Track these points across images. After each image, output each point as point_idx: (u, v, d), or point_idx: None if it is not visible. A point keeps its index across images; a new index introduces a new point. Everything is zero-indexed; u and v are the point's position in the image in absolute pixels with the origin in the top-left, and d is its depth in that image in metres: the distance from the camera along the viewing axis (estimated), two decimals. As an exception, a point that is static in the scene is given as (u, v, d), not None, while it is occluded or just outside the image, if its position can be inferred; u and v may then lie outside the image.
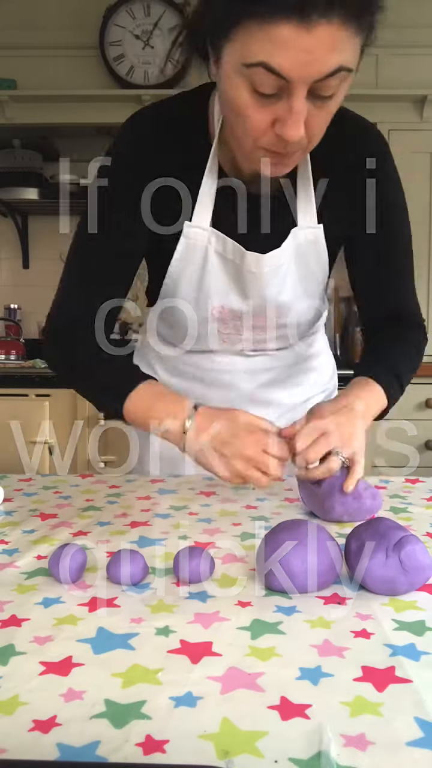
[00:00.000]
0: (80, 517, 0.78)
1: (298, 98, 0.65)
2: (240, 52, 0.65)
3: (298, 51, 0.61)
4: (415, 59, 2.69)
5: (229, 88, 0.69)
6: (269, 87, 0.65)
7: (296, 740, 0.35)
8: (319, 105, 0.68)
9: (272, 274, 0.89)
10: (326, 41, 0.61)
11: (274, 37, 0.61)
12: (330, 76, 0.64)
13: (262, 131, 0.70)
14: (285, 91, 0.65)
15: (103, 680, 0.41)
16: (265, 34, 0.61)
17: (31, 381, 2.46)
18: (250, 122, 0.70)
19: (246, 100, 0.68)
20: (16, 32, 2.71)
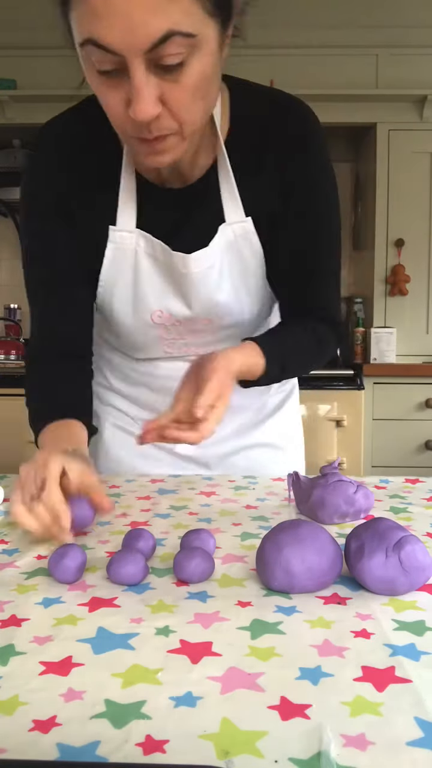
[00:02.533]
0: (80, 517, 0.78)
1: (136, 71, 0.61)
2: (76, 34, 0.63)
3: (115, 18, 0.58)
4: (415, 59, 2.70)
5: (86, 75, 0.67)
6: (107, 63, 0.62)
7: (296, 740, 0.35)
8: (170, 78, 0.63)
9: (204, 273, 0.86)
10: (141, 3, 0.57)
11: (89, 10, 0.59)
12: (161, 42, 0.60)
13: (122, 116, 0.67)
14: (125, 68, 0.62)
15: (103, 680, 0.41)
16: (85, 8, 0.59)
17: (31, 381, 2.45)
18: (109, 108, 0.67)
19: (96, 83, 0.66)
20: (16, 32, 2.71)
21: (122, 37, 0.59)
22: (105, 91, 0.66)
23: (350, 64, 2.70)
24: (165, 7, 0.58)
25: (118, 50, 0.60)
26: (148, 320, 0.91)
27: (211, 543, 0.62)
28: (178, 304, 0.89)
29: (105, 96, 0.67)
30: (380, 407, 2.55)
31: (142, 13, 0.58)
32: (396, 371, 2.57)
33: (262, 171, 0.85)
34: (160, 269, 0.87)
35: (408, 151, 2.71)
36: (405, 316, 2.78)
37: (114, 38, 0.59)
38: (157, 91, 0.64)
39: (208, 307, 0.89)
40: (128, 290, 0.89)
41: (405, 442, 2.56)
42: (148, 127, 0.66)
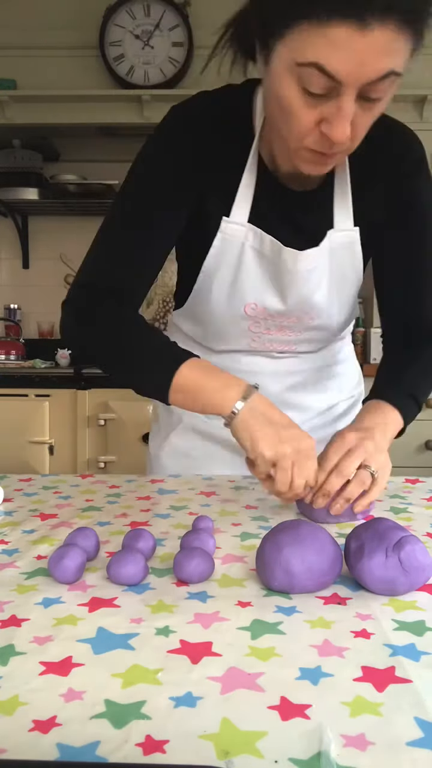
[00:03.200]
0: (80, 517, 0.78)
1: (348, 100, 0.65)
2: (293, 51, 0.65)
3: (351, 53, 0.62)
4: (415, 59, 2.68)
5: (279, 87, 0.69)
6: (319, 87, 0.65)
7: (296, 740, 0.35)
8: (366, 107, 0.68)
9: (308, 273, 0.89)
10: (380, 45, 0.61)
11: (329, 38, 0.61)
12: (380, 79, 0.64)
13: (309, 130, 0.70)
14: (334, 92, 0.65)
15: (103, 680, 0.41)
16: (320, 34, 0.62)
17: (31, 381, 2.46)
18: (297, 121, 0.70)
19: (295, 99, 0.68)
20: (16, 32, 2.71)
21: (352, 71, 0.63)
22: (302, 106, 0.69)
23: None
24: (394, 50, 0.63)
25: (341, 79, 0.64)
26: (241, 311, 0.93)
27: (211, 543, 0.62)
28: (274, 299, 0.92)
29: (299, 109, 0.69)
30: (380, 407, 2.55)
31: (376, 55, 0.62)
32: (396, 371, 2.56)
33: (376, 187, 0.89)
34: (264, 264, 0.90)
35: (408, 151, 2.71)
36: (405, 316, 2.78)
37: (344, 70, 0.63)
38: (353, 116, 0.68)
39: (302, 305, 0.92)
40: (228, 280, 0.91)
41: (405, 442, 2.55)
42: (333, 145, 0.70)
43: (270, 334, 0.96)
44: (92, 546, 0.62)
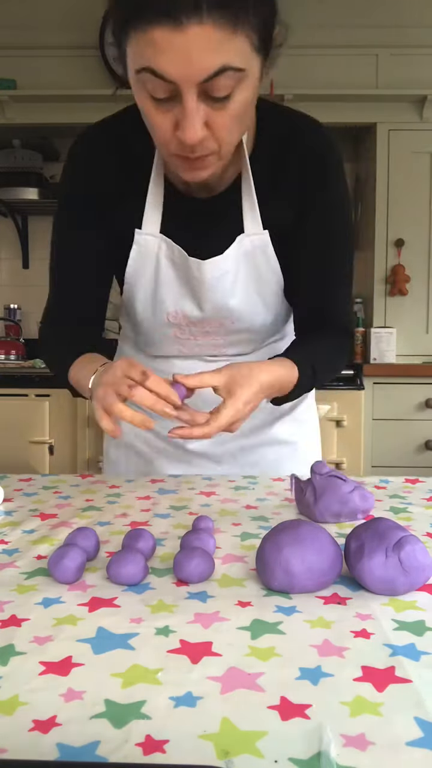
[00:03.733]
0: (80, 517, 0.78)
1: (189, 100, 0.67)
2: (132, 59, 0.68)
3: (174, 53, 0.63)
4: (415, 59, 2.70)
5: (136, 96, 0.72)
6: (161, 91, 0.68)
7: (296, 740, 0.35)
8: (217, 107, 0.69)
9: (217, 279, 0.90)
10: (201, 42, 0.63)
11: (151, 41, 0.64)
12: (215, 76, 0.65)
13: (168, 137, 0.72)
14: (177, 95, 0.67)
15: (103, 680, 0.41)
16: (145, 39, 0.64)
17: (31, 381, 2.46)
18: (156, 128, 0.73)
19: (148, 107, 0.71)
20: (16, 32, 2.71)
21: (179, 70, 0.65)
22: (155, 113, 0.71)
23: (350, 64, 2.70)
24: (221, 45, 0.64)
25: (174, 80, 0.65)
26: (164, 319, 0.96)
27: (211, 543, 0.62)
28: (192, 306, 0.94)
29: (154, 117, 0.72)
30: (380, 407, 2.55)
31: (200, 50, 0.63)
32: (396, 371, 2.57)
33: (282, 188, 0.90)
34: (178, 272, 0.92)
35: (408, 151, 2.71)
36: (405, 316, 2.78)
37: (172, 70, 0.65)
38: (204, 117, 0.69)
39: (219, 310, 0.94)
40: (149, 290, 0.94)
41: (405, 442, 2.56)
42: (193, 148, 0.72)
43: (196, 339, 0.99)
44: (92, 546, 0.62)
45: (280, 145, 0.87)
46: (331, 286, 0.96)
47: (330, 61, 2.69)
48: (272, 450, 1.09)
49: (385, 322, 2.78)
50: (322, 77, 2.67)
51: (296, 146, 0.88)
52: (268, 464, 1.08)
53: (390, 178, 2.72)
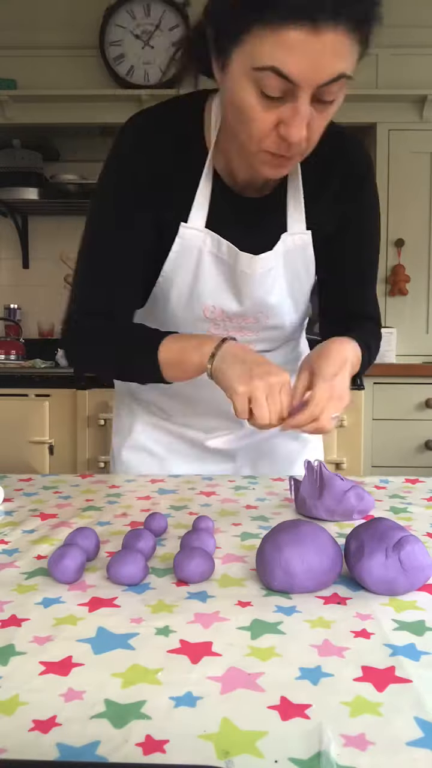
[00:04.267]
0: (80, 517, 0.78)
1: (304, 101, 0.68)
2: (250, 56, 0.68)
3: (306, 56, 0.65)
4: (415, 59, 2.69)
5: (237, 91, 0.72)
6: (276, 90, 0.68)
7: (296, 740, 0.35)
8: (320, 109, 0.71)
9: (263, 275, 0.92)
10: (332, 47, 0.64)
11: (284, 42, 0.64)
12: (333, 81, 0.67)
13: (267, 133, 0.73)
14: (291, 95, 0.68)
15: (103, 680, 0.41)
16: (275, 39, 0.65)
17: (31, 381, 2.46)
18: (256, 124, 0.72)
19: (253, 103, 0.71)
20: (16, 32, 2.71)
21: (307, 73, 0.66)
22: (260, 110, 0.71)
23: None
24: (347, 54, 0.66)
25: (297, 81, 0.66)
26: (201, 314, 0.95)
27: (211, 543, 0.62)
28: (232, 301, 0.94)
29: (256, 113, 0.71)
30: (380, 407, 2.55)
31: (330, 56, 0.65)
32: (396, 371, 2.57)
33: (326, 194, 0.93)
34: (221, 267, 0.92)
35: (408, 151, 2.71)
36: (405, 316, 2.78)
37: (299, 72, 0.66)
38: (308, 119, 0.71)
39: (258, 306, 0.95)
40: (187, 284, 0.93)
41: (405, 442, 2.56)
42: (291, 147, 0.73)
43: (229, 334, 0.98)
44: (92, 546, 0.62)
45: (328, 154, 0.89)
46: (366, 287, 1.02)
47: (330, 61, 2.68)
48: (284, 444, 1.11)
49: (385, 322, 2.78)
50: (322, 77, 2.66)
51: (342, 152, 0.91)
52: (280, 459, 1.10)
53: (390, 178, 2.72)
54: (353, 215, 0.95)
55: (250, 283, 0.92)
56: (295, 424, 0.76)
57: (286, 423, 0.75)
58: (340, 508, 0.75)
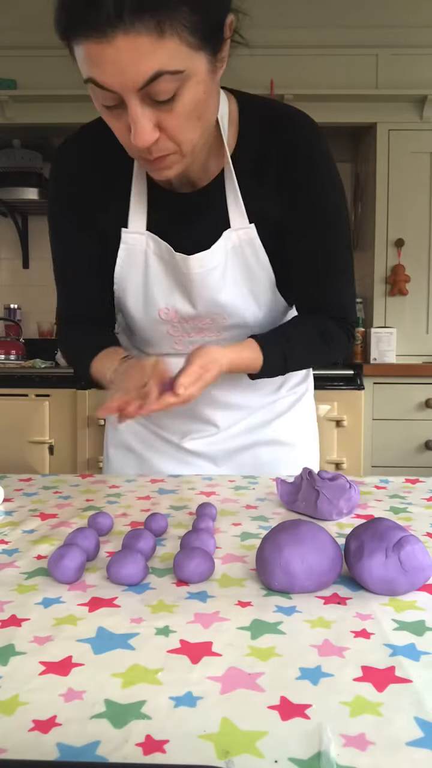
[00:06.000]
0: (80, 517, 0.78)
1: (133, 106, 0.68)
2: (80, 69, 0.69)
3: (108, 64, 0.64)
4: (415, 59, 2.70)
5: (94, 103, 0.73)
6: (108, 99, 0.69)
7: (296, 740, 0.35)
8: (165, 108, 0.69)
9: (206, 274, 0.90)
10: (128, 50, 0.63)
11: (87, 55, 0.65)
12: (151, 82, 0.65)
13: (126, 141, 0.74)
14: (123, 102, 0.68)
15: (103, 680, 0.41)
16: (83, 53, 0.66)
17: (31, 381, 2.46)
18: (116, 133, 0.74)
19: (104, 113, 0.73)
20: (16, 32, 2.71)
21: (115, 80, 0.65)
22: (110, 119, 0.73)
23: (350, 64, 2.70)
24: (151, 52, 0.63)
25: (112, 89, 0.67)
26: (156, 317, 0.96)
27: (211, 543, 0.62)
28: (184, 303, 0.94)
29: (110, 123, 0.74)
30: (380, 407, 2.55)
31: (130, 59, 0.63)
32: (396, 371, 2.57)
33: (266, 180, 0.89)
34: (167, 269, 0.92)
35: (408, 151, 2.71)
36: (405, 316, 2.78)
37: (108, 80, 0.66)
38: (153, 120, 0.70)
39: (211, 307, 0.94)
40: (139, 288, 0.94)
41: (405, 442, 2.56)
42: (149, 150, 0.73)
43: (190, 336, 0.99)
44: (92, 546, 0.62)
45: (262, 137, 0.87)
46: (328, 275, 0.94)
47: (330, 61, 2.69)
48: (269, 450, 1.09)
49: (385, 322, 2.78)
50: (322, 77, 2.67)
51: (279, 136, 0.87)
52: (265, 465, 1.08)
53: (390, 178, 2.72)
54: (299, 198, 0.89)
55: (195, 284, 0.91)
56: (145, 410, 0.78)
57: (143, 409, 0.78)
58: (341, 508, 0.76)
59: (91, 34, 0.63)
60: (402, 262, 2.73)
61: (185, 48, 0.65)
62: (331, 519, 0.76)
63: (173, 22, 0.63)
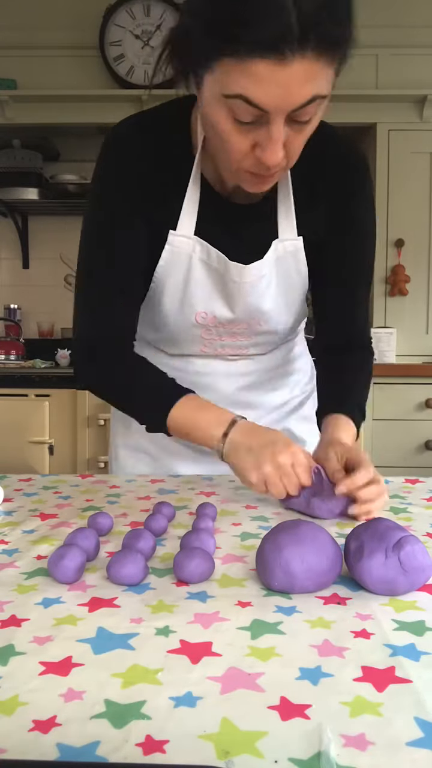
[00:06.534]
0: (80, 517, 0.78)
1: (276, 126, 0.68)
2: (220, 83, 0.67)
3: (274, 85, 0.63)
4: (415, 59, 2.70)
5: (211, 114, 0.71)
6: (248, 116, 0.68)
7: (296, 740, 0.35)
8: (297, 129, 0.70)
9: (254, 283, 0.92)
10: (301, 75, 0.63)
11: (251, 72, 0.63)
12: (306, 104, 0.66)
13: (244, 155, 0.73)
14: (263, 119, 0.68)
15: (103, 680, 0.41)
16: (242, 69, 0.63)
17: (31, 381, 2.46)
18: (232, 147, 0.72)
19: (227, 127, 0.71)
20: (16, 32, 2.71)
21: (276, 101, 0.65)
22: (234, 133, 0.71)
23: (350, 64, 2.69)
24: (317, 77, 0.64)
25: (267, 109, 0.66)
26: (192, 320, 0.96)
27: (211, 543, 0.62)
28: (223, 308, 0.95)
29: (232, 136, 0.71)
30: (380, 407, 2.55)
31: (300, 83, 0.64)
32: (396, 371, 2.57)
33: (318, 201, 0.92)
34: (211, 275, 0.92)
35: (408, 151, 2.71)
36: (405, 316, 2.78)
37: (268, 101, 0.65)
38: (284, 140, 0.70)
39: (250, 313, 0.95)
40: (178, 290, 0.94)
41: (405, 442, 2.56)
42: (269, 168, 0.72)
43: (221, 340, 1.00)
44: (92, 546, 0.62)
45: (320, 160, 0.89)
46: (355, 302, 1.00)
47: (330, 61, 2.69)
48: None
49: (385, 322, 2.78)
50: (322, 77, 2.66)
51: (336, 164, 0.91)
52: None
53: (390, 178, 2.72)
54: (345, 226, 0.94)
55: (242, 292, 0.92)
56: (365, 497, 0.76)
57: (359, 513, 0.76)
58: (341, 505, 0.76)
59: (268, 55, 0.61)
60: (402, 262, 2.73)
61: (333, 75, 0.67)
62: (324, 517, 0.77)
63: (340, 52, 0.65)
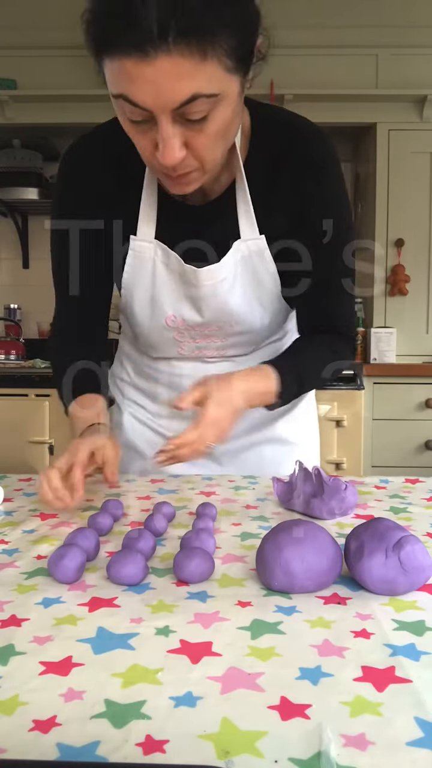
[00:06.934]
0: (80, 517, 0.78)
1: (165, 125, 0.67)
2: (109, 83, 0.68)
3: (145, 83, 0.64)
4: (415, 59, 2.70)
5: (117, 115, 0.72)
6: (137, 115, 0.68)
7: (296, 740, 0.35)
8: (195, 128, 0.69)
9: (214, 286, 0.90)
10: (169, 71, 0.62)
11: (124, 71, 0.64)
12: (187, 103, 0.65)
13: (150, 156, 0.73)
14: (153, 119, 0.67)
15: (103, 680, 0.41)
16: (117, 68, 0.64)
17: (31, 381, 2.46)
18: (139, 147, 0.73)
19: (128, 128, 0.72)
20: (16, 32, 2.71)
21: (151, 99, 0.65)
22: (135, 134, 0.72)
23: (350, 64, 2.70)
24: (190, 75, 0.63)
25: (146, 107, 0.66)
26: (163, 323, 0.96)
27: (211, 543, 0.62)
28: (191, 311, 0.94)
29: (135, 138, 0.73)
30: (380, 407, 2.55)
31: (170, 80, 0.63)
32: (396, 371, 2.57)
33: (278, 193, 0.89)
34: (175, 278, 0.92)
35: (408, 151, 2.71)
36: (405, 316, 2.78)
37: (144, 99, 0.65)
38: (182, 139, 0.69)
39: (219, 315, 0.94)
40: (146, 295, 0.94)
41: (405, 442, 2.56)
42: (173, 168, 0.72)
43: (195, 342, 1.00)
44: (92, 546, 0.62)
45: (275, 149, 0.87)
46: (331, 291, 0.95)
47: (330, 61, 2.69)
48: (271, 449, 1.10)
49: (385, 322, 2.78)
50: (322, 77, 2.67)
51: (292, 149, 0.87)
52: (267, 464, 1.08)
53: (390, 178, 2.72)
54: (310, 214, 0.89)
55: (203, 294, 0.91)
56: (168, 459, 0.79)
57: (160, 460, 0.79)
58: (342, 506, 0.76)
59: (131, 52, 0.62)
60: (402, 262, 2.73)
61: (222, 71, 0.65)
62: (324, 518, 0.77)
63: (215, 46, 0.63)
